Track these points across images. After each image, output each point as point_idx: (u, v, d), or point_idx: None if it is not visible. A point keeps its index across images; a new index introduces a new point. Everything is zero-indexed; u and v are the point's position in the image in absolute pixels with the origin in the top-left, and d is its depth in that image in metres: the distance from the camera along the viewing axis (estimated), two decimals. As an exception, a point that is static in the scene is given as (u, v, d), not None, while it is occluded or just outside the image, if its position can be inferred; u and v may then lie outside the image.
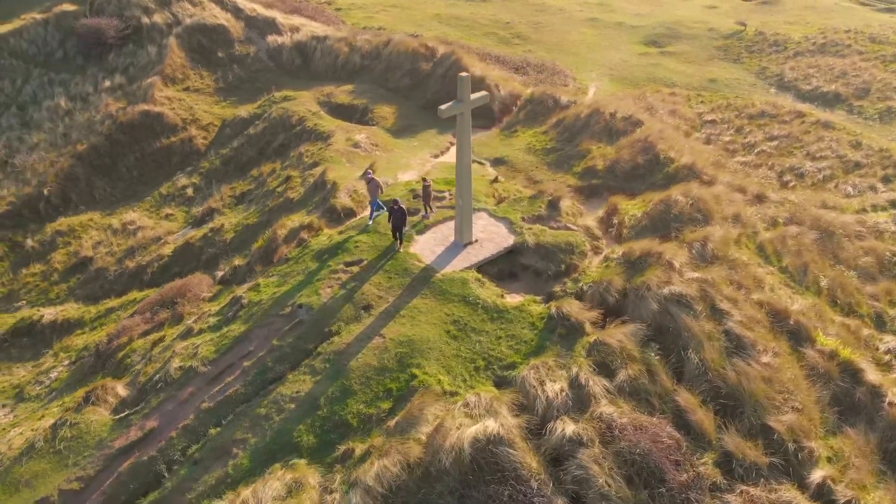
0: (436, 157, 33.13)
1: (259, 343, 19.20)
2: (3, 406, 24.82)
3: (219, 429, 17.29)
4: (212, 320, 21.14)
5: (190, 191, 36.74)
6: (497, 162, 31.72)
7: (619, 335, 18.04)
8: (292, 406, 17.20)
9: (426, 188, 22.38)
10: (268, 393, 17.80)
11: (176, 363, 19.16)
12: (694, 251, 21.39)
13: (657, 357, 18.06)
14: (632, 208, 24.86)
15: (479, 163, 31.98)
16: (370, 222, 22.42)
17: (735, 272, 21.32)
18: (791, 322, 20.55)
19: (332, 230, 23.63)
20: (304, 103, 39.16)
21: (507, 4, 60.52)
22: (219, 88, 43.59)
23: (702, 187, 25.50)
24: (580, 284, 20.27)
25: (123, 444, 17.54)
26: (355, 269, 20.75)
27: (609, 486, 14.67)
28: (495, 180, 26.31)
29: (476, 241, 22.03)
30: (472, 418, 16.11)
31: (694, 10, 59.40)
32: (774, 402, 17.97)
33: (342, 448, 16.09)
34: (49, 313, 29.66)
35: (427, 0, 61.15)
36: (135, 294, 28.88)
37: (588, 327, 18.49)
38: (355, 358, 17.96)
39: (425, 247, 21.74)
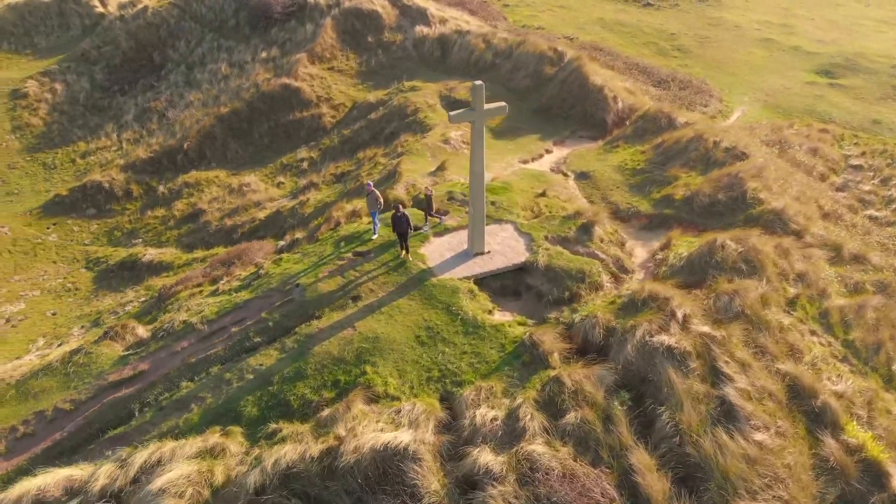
0: (524, 162, 32.66)
1: (252, 313, 20.42)
2: (82, 327, 28.39)
3: (190, 384, 18.72)
4: (234, 284, 22.73)
5: (305, 164, 39.14)
6: (581, 176, 30.65)
7: (581, 375, 17.06)
8: (251, 377, 18.18)
9: (428, 198, 22.26)
10: (239, 360, 18.94)
11: (181, 317, 20.92)
12: (717, 304, 19.49)
13: (622, 407, 16.88)
14: (682, 246, 23.06)
15: (564, 174, 31.14)
16: (374, 236, 22.49)
17: (763, 335, 19.17)
18: (817, 403, 18.20)
19: (368, 219, 24.30)
20: (425, 95, 40.10)
21: (679, 15, 57.41)
22: (360, 72, 45.71)
23: (768, 236, 23.05)
24: (575, 315, 19.29)
25: (115, 379, 19.53)
26: (361, 259, 21.26)
27: (512, 529, 14.12)
28: (542, 194, 25.50)
29: (488, 252, 21.65)
30: (395, 426, 16.14)
31: (886, 43, 52.61)
32: (751, 486, 16.15)
33: (272, 426, 16.77)
34: (151, 253, 33.26)
35: (596, 3, 59.61)
36: (219, 250, 31.54)
37: (554, 360, 17.63)
38: (321, 344, 18.57)
39: (436, 249, 21.75)
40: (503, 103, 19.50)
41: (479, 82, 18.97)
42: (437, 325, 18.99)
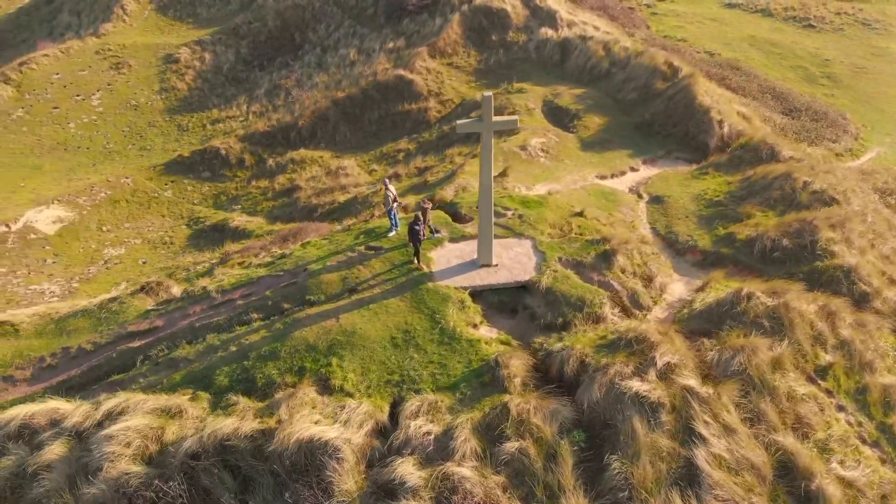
0: (602, 177, 31.54)
1: (260, 290, 21.51)
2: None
3: (187, 346, 20.13)
4: (266, 260, 23.99)
5: (401, 155, 40.13)
6: (655, 200, 29.14)
7: (532, 406, 16.46)
8: (234, 349, 19.25)
9: (424, 211, 21.84)
10: (231, 331, 20.07)
11: (203, 283, 22.45)
12: (716, 358, 17.98)
13: (572, 447, 16.14)
14: (719, 290, 21.39)
15: (639, 195, 29.78)
16: (391, 233, 22.66)
17: (764, 400, 17.51)
18: (810, 486, 16.51)
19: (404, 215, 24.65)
20: (528, 98, 39.70)
21: (840, 40, 52.28)
22: (477, 69, 45.98)
23: (819, 294, 20.80)
24: (556, 344, 18.58)
25: (133, 330, 21.40)
26: (372, 253, 21.68)
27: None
28: (580, 213, 24.45)
29: (495, 265, 21.25)
30: (332, 421, 16.50)
31: None
32: (694, 562, 15.05)
33: (232, 398, 17.69)
34: (238, 220, 35.74)
35: (751, 19, 55.67)
36: (294, 225, 33.25)
37: (513, 385, 17.14)
38: (302, 329, 19.25)
39: (445, 255, 21.68)
40: (515, 117, 19.00)
41: (487, 94, 18.62)
42: (416, 330, 19.01)
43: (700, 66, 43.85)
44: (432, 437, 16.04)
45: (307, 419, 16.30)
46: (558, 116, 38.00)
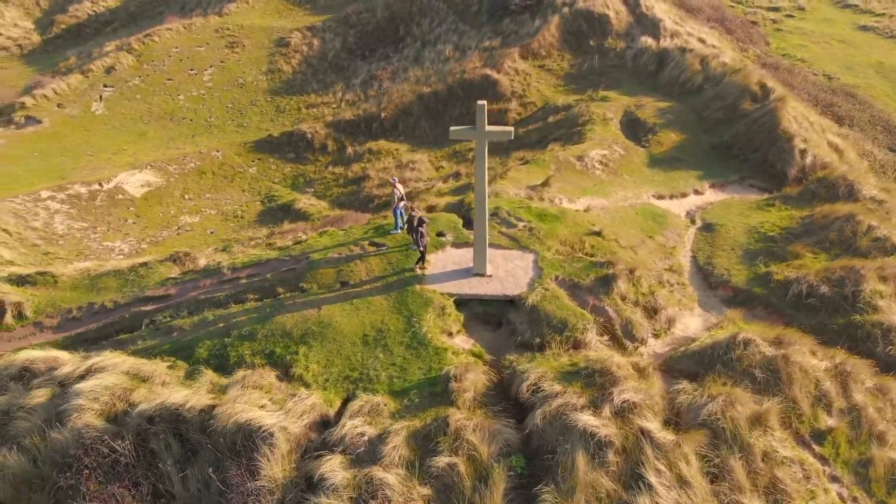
0: (659, 197, 30.15)
1: (265, 271, 22.32)
2: (214, 248, 32.85)
3: (187, 317, 21.25)
4: (287, 242, 24.83)
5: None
6: (706, 227, 27.54)
7: (473, 424, 16.14)
8: (221, 325, 20.14)
9: (412, 218, 21.49)
10: (227, 308, 20.99)
11: (219, 258, 23.56)
12: (687, 405, 16.88)
13: (505, 472, 15.72)
14: (723, 332, 19.98)
15: (692, 221, 28.25)
16: (396, 231, 22.78)
17: (734, 457, 16.28)
18: None
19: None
20: (609, 108, 38.52)
21: None
22: (568, 74, 45.05)
23: (836, 351, 18.98)
24: (525, 365, 18.06)
25: (149, 295, 22.86)
26: (374, 249, 21.92)
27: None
28: (597, 233, 23.39)
29: (489, 275, 20.84)
30: (277, 406, 16.93)
31: None
32: None
33: (203, 371, 18.51)
34: (304, 203, 37.12)
35: (883, 45, 50.91)
36: (339, 213, 34.15)
37: (462, 400, 16.83)
38: (283, 314, 19.83)
39: (444, 259, 21.52)
40: (509, 129, 18.47)
41: (481, 102, 18.27)
42: (389, 331, 19.06)
43: (808, 90, 40.67)
44: (366, 438, 16.06)
45: (253, 402, 16.77)
46: (635, 129, 36.53)
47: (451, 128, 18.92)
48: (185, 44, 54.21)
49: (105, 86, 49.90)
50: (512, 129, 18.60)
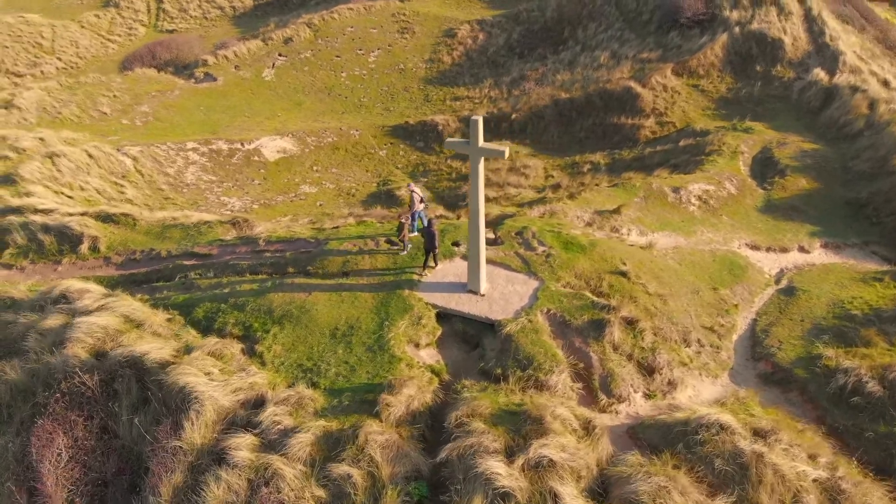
0: (753, 247, 27.14)
1: (289, 248, 23.28)
2: (311, 220, 34.66)
3: (211, 277, 22.85)
4: (326, 227, 25.67)
5: (586, 168, 38.59)
6: (788, 290, 24.40)
7: (383, 440, 15.86)
8: (226, 291, 21.41)
9: (401, 225, 20.94)
10: (242, 276, 22.26)
11: (261, 229, 24.93)
12: (615, 479, 15.32)
13: (401, 496, 15.37)
14: (707, 410, 17.68)
15: (776, 280, 25.26)
16: (414, 232, 22.60)
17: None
18: None
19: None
20: (745, 141, 35.33)
21: None
22: (722, 98, 41.63)
23: (835, 460, 16.15)
24: (469, 393, 17.33)
25: (195, 251, 24.77)
26: (386, 246, 22.02)
27: None
28: (622, 273, 21.36)
29: (483, 295, 20.03)
30: (226, 376, 17.75)
31: None
32: None
33: (188, 330, 19.85)
34: (404, 192, 37.86)
35: None
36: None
37: (385, 413, 16.52)
38: (276, 293, 20.63)
39: (446, 269, 20.99)
40: (504, 148, 17.44)
41: (475, 117, 17.45)
42: (360, 329, 19.11)
43: None
44: (280, 427, 16.33)
45: (203, 367, 17.68)
46: (764, 168, 32.95)
47: (448, 139, 18.31)
48: (360, 24, 57.10)
49: (280, 55, 54.05)
50: (507, 147, 17.55)
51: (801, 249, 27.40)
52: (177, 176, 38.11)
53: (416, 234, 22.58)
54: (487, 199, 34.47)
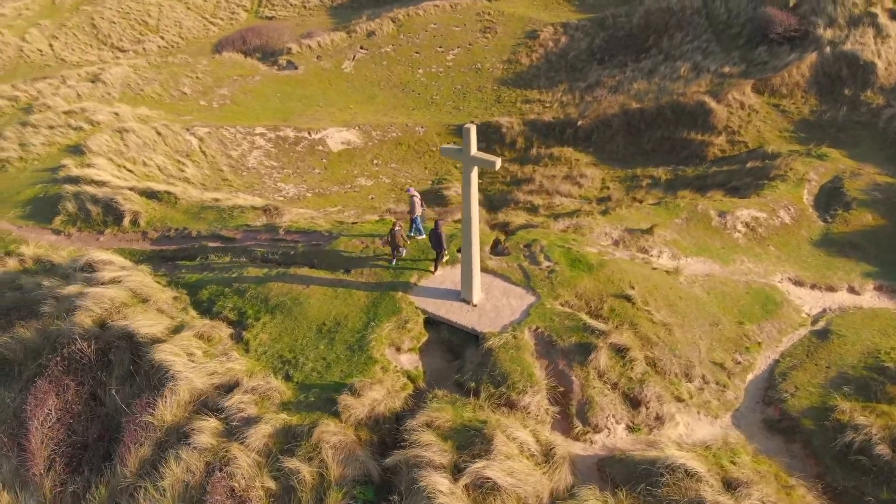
0: (796, 283, 25.44)
1: (304, 240, 23.66)
2: (354, 211, 35.20)
3: (225, 260, 23.54)
4: (348, 220, 25.92)
5: (645, 182, 37.27)
6: (821, 334, 22.70)
7: (335, 441, 15.90)
8: (233, 275, 21.98)
9: (393, 232, 20.49)
10: (253, 263, 22.80)
11: (287, 219, 25.43)
12: (566, 509, 14.76)
13: (347, 497, 15.43)
14: (683, 456, 16.67)
15: (814, 321, 23.64)
16: (420, 236, 22.30)
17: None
18: None
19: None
20: (816, 168, 33.19)
21: None
22: (803, 121, 39.19)
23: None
24: (434, 403, 17.08)
25: (221, 234, 25.54)
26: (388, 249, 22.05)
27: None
28: (627, 297, 20.34)
29: (474, 305, 19.63)
30: (207, 359, 18.26)
31: None
32: None
33: (188, 311, 20.54)
34: (454, 191, 37.78)
35: None
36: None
37: (346, 413, 16.51)
38: (276, 282, 20.99)
39: (445, 274, 20.71)
40: (495, 160, 16.89)
41: (468, 125, 17.05)
42: (345, 327, 19.17)
43: None
44: (244, 415, 16.61)
45: (187, 348, 18.23)
46: (829, 199, 30.77)
47: (442, 146, 17.98)
48: (444, 21, 57.23)
49: (361, 48, 54.96)
50: (498, 159, 17.01)
51: (851, 290, 25.37)
52: (239, 159, 39.44)
53: (423, 236, 22.38)
54: (531, 207, 33.85)
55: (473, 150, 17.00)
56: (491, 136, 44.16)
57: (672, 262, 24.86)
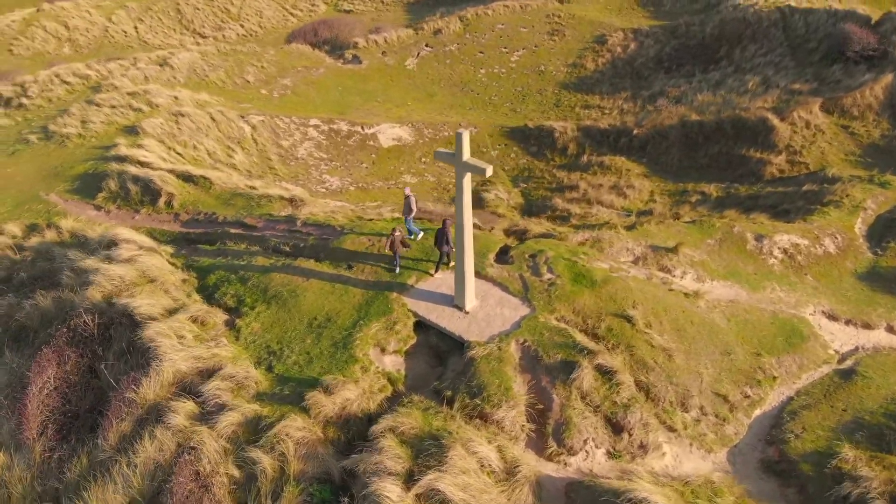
0: (831, 317, 23.88)
1: (316, 233, 23.88)
2: (379, 205, 35.30)
3: (241, 247, 24.03)
4: (369, 217, 26.00)
5: (694, 198, 35.96)
6: (846, 374, 21.32)
7: (298, 437, 15.96)
8: (242, 263, 22.39)
9: (393, 238, 20.09)
10: (264, 252, 23.18)
11: (306, 211, 25.74)
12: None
13: (302, 494, 15.48)
14: (646, 490, 15.91)
15: (840, 358, 22.31)
16: (417, 236, 22.08)
17: None
18: None
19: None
20: (872, 196, 31.15)
21: None
22: (872, 145, 37.00)
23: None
24: (405, 409, 16.90)
25: (244, 221, 26.09)
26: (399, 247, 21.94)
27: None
28: (627, 318, 19.46)
29: (467, 312, 19.29)
30: (196, 342, 18.67)
31: None
32: None
33: (191, 295, 21.06)
34: (493, 195, 37.47)
35: None
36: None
37: (315, 412, 16.56)
38: (279, 273, 21.24)
39: (444, 279, 20.50)
40: (486, 167, 16.45)
41: (461, 130, 16.71)
42: (335, 323, 19.20)
43: None
44: (217, 402, 16.87)
45: (179, 331, 18.68)
46: (884, 230, 28.81)
47: (437, 150, 17.70)
48: (511, 22, 56.71)
49: (426, 45, 55.09)
50: (490, 166, 16.60)
51: (890, 329, 23.67)
52: (289, 149, 40.20)
53: (412, 237, 22.24)
54: (565, 215, 33.12)
55: (465, 155, 16.67)
56: (543, 140, 43.51)
57: (695, 284, 23.79)
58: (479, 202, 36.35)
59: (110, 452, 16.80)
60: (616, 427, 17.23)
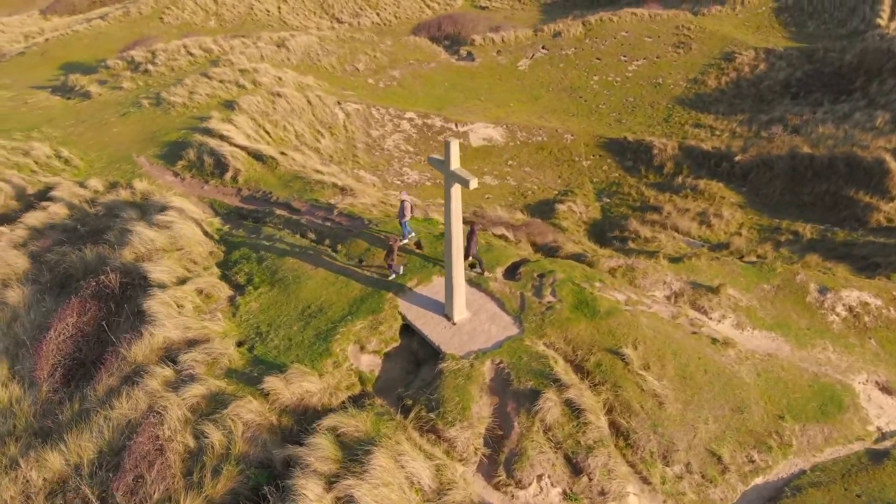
0: (882, 388, 21.52)
1: (347, 223, 24.24)
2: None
3: (274, 229, 24.86)
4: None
5: (785, 236, 33.18)
6: (877, 455, 19.16)
7: (246, 420, 16.37)
8: (267, 244, 23.16)
9: (391, 247, 19.44)
10: (293, 236, 23.85)
11: (347, 202, 26.15)
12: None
13: (240, 476, 15.94)
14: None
15: (881, 435, 20.09)
16: (405, 239, 21.71)
17: None
18: None
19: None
20: None
21: None
22: None
23: None
24: (363, 413, 16.84)
25: (291, 204, 26.86)
26: (412, 246, 21.88)
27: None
28: (622, 356, 18.10)
29: (454, 323, 18.84)
30: (195, 313, 19.58)
31: None
32: None
33: (209, 268, 22.06)
34: (565, 207, 36.37)
35: None
36: (534, 219, 32.74)
37: (273, 398, 16.90)
38: (294, 258, 21.80)
39: (442, 283, 20.18)
40: (470, 178, 15.82)
41: (449, 139, 16.27)
42: (325, 315, 19.38)
43: None
44: (189, 373, 17.56)
45: (182, 300, 19.65)
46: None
47: (430, 156, 17.28)
48: (636, 30, 54.56)
49: (543, 47, 54.18)
50: (475, 178, 16.04)
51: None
52: (378, 139, 40.96)
53: (406, 241, 21.94)
54: (627, 237, 31.53)
55: (454, 164, 16.23)
56: (640, 156, 41.70)
57: (732, 330, 21.93)
58: (549, 212, 35.40)
59: (95, 403, 17.91)
60: (576, 468, 16.22)
